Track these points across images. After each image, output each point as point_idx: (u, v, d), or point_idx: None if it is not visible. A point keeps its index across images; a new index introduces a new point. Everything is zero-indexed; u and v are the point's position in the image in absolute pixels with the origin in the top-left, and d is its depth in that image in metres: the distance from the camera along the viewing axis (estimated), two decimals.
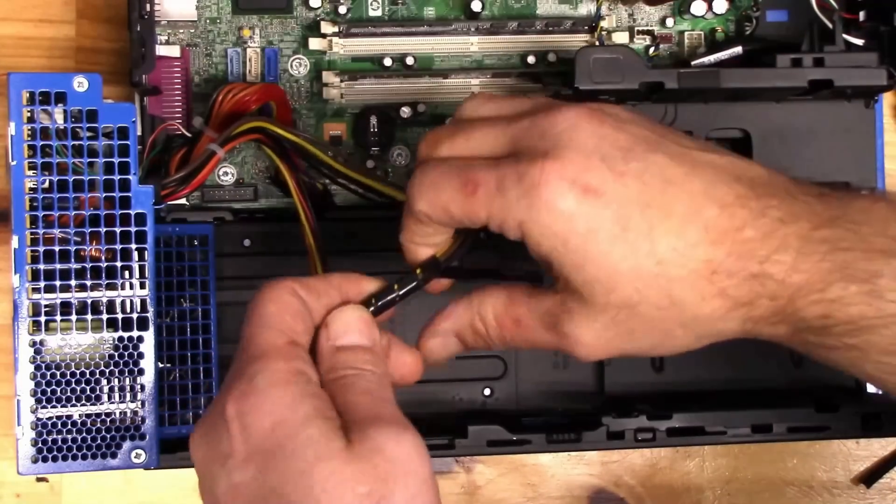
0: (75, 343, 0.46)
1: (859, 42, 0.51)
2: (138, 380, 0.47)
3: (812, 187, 0.39)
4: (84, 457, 0.46)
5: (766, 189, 0.38)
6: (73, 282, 0.46)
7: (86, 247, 0.46)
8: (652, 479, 0.60)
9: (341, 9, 0.53)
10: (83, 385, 0.46)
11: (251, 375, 0.36)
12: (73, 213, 0.46)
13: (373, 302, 0.41)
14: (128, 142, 0.46)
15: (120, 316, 0.46)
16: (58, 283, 0.46)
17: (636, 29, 0.55)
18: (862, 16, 0.52)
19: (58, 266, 0.46)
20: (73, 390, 0.46)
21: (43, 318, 0.46)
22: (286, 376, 0.36)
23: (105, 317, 0.46)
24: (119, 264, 0.46)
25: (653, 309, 0.38)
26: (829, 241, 0.37)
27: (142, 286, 0.47)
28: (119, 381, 0.46)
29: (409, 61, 0.53)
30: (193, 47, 0.53)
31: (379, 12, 0.54)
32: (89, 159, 0.46)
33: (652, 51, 0.55)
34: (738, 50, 0.54)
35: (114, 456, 0.46)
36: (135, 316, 0.47)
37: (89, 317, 0.46)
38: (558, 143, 0.37)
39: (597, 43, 0.54)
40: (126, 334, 0.46)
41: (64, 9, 0.57)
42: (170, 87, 0.52)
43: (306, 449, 0.34)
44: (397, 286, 0.42)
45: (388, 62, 0.53)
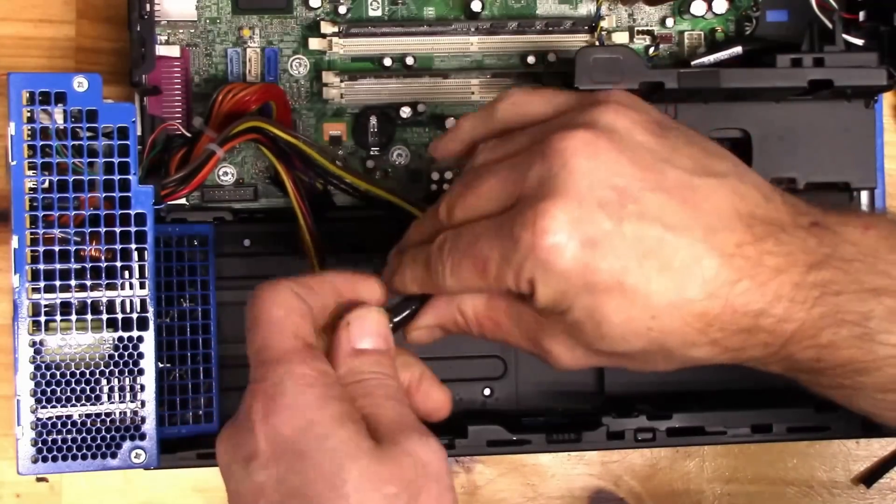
0: (75, 343, 0.46)
1: (859, 42, 0.51)
2: (138, 380, 0.47)
3: (804, 215, 0.39)
4: (84, 457, 0.46)
5: (763, 228, 0.37)
6: (72, 282, 0.46)
7: (86, 247, 0.46)
8: (652, 479, 0.60)
9: (341, 9, 0.53)
10: (83, 385, 0.46)
11: (276, 379, 0.36)
12: (73, 213, 0.46)
13: (390, 317, 0.42)
14: (128, 142, 0.46)
15: (120, 316, 0.46)
16: (58, 283, 0.46)
17: (636, 29, 0.55)
18: (862, 16, 0.52)
19: (58, 266, 0.46)
20: (73, 390, 0.46)
21: (43, 318, 0.46)
22: (310, 379, 0.37)
23: (105, 317, 0.46)
24: (119, 264, 0.46)
25: (639, 353, 0.38)
26: (820, 286, 0.37)
27: (142, 286, 0.47)
28: (119, 381, 0.46)
29: (409, 61, 0.53)
30: (193, 47, 0.53)
31: (379, 12, 0.54)
32: (89, 159, 0.46)
33: (652, 51, 0.55)
34: (738, 50, 0.54)
35: (114, 456, 0.46)
36: (135, 316, 0.47)
37: (89, 317, 0.46)
38: (554, 190, 0.36)
39: (597, 43, 0.54)
40: (126, 334, 0.46)
41: (64, 9, 0.57)
42: (170, 87, 0.52)
43: (336, 449, 0.35)
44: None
45: (387, 62, 0.53)
